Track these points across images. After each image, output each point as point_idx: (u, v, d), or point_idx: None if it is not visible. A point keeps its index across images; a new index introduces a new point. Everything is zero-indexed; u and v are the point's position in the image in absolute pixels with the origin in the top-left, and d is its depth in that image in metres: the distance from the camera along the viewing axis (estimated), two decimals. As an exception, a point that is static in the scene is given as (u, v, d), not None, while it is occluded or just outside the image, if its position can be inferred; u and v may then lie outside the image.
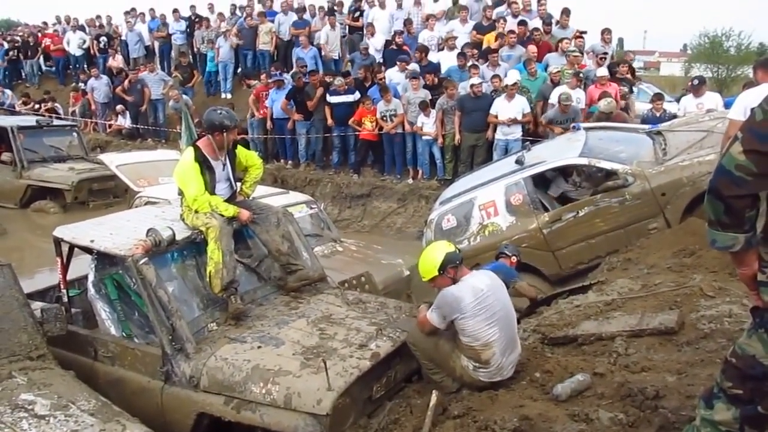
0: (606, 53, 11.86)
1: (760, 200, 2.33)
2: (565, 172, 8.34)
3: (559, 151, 8.20)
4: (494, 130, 10.88)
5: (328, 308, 5.04)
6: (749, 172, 2.25)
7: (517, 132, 10.68)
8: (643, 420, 3.37)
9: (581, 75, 10.73)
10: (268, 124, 13.73)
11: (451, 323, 4.13)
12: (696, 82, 10.46)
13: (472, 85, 10.88)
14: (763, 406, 2.49)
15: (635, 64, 13.12)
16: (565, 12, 12.71)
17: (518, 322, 4.91)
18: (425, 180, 11.99)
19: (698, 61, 42.81)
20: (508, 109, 10.65)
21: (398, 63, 12.68)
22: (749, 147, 2.25)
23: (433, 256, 4.26)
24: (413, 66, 12.43)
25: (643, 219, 7.05)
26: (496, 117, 10.71)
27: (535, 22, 12.70)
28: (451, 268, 4.21)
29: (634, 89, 11.73)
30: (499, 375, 4.14)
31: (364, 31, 14.68)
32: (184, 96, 15.10)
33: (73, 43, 19.92)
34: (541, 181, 8.13)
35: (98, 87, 17.30)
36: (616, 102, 10.06)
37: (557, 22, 12.77)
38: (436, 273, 4.23)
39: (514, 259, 6.79)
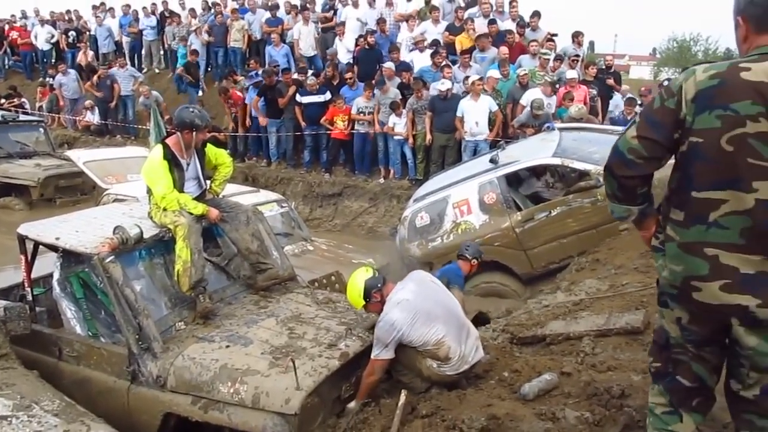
0: (578, 55, 11.98)
1: (653, 177, 2.48)
2: (538, 171, 8.40)
3: (533, 150, 8.27)
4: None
5: (297, 307, 5.02)
6: (640, 156, 2.39)
7: (485, 132, 10.69)
8: (608, 419, 3.41)
9: (557, 85, 10.80)
10: (247, 121, 13.63)
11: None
12: (666, 83, 10.57)
13: (440, 90, 10.90)
14: (679, 373, 2.57)
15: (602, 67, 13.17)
16: (536, 15, 12.80)
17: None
18: (396, 180, 12.00)
19: (667, 64, 43.65)
20: (474, 108, 10.62)
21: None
22: (641, 133, 2.39)
23: (354, 288, 4.37)
24: (389, 65, 12.41)
25: (614, 220, 7.12)
26: (462, 118, 10.69)
27: (507, 24, 12.77)
28: (375, 292, 4.31)
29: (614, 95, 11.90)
30: (465, 364, 4.19)
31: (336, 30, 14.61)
32: (154, 92, 14.99)
33: (41, 38, 19.63)
34: (515, 181, 8.19)
35: (66, 83, 17.03)
36: (585, 104, 10.18)
37: (528, 24, 12.85)
38: (363, 302, 4.35)
39: (474, 262, 6.35)
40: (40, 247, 5.28)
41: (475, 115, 10.59)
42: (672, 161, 2.45)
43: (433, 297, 4.32)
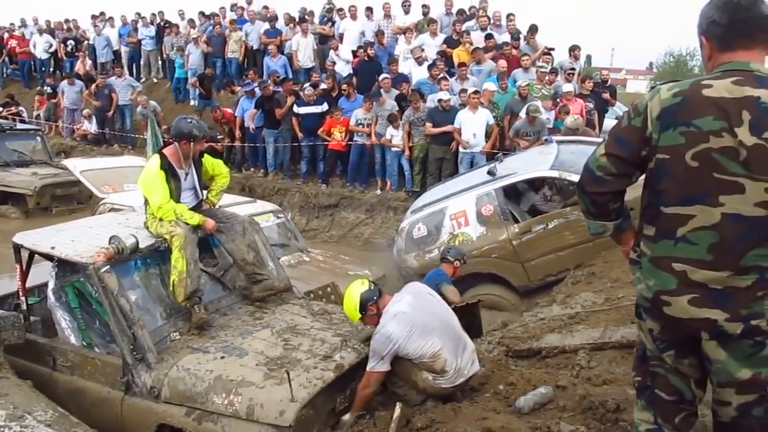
0: (573, 69, 12.03)
1: (625, 193, 2.56)
2: (535, 184, 8.42)
3: (531, 163, 8.29)
4: (458, 143, 10.92)
5: (292, 319, 5.02)
6: (609, 173, 2.47)
7: (482, 144, 10.71)
8: (603, 433, 3.41)
9: (559, 102, 10.85)
10: (237, 132, 13.65)
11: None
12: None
13: (440, 100, 10.94)
14: (657, 387, 2.59)
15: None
16: (532, 29, 12.89)
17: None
18: (393, 191, 12.00)
19: (663, 79, 43.71)
20: (472, 120, 10.66)
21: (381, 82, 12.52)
22: (610, 150, 2.47)
23: (350, 301, 4.37)
24: (386, 76, 12.42)
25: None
26: (459, 130, 10.72)
27: (504, 37, 12.83)
28: (371, 305, 4.31)
29: (609, 109, 11.97)
30: (461, 377, 4.18)
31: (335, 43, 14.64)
32: (152, 102, 14.98)
33: (40, 46, 19.64)
34: (513, 193, 8.20)
35: (68, 91, 16.94)
36: (582, 117, 10.21)
37: (525, 38, 12.92)
38: (359, 315, 4.35)
39: (457, 264, 6.71)
40: (36, 256, 5.28)
41: (473, 127, 10.62)
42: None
43: (429, 309, 4.31)
